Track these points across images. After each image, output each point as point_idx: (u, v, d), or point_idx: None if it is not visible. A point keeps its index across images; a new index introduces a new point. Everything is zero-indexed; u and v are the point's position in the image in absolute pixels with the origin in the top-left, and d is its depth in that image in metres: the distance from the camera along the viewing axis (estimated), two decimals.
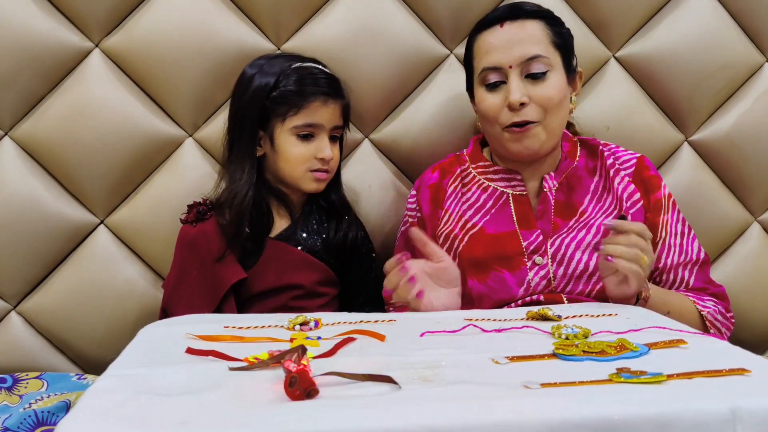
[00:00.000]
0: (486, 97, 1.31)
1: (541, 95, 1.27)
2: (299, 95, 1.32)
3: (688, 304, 1.28)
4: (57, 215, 1.49)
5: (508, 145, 1.31)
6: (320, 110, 1.34)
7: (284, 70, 1.34)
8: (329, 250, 1.39)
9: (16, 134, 1.49)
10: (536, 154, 1.32)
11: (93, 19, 1.48)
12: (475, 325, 0.97)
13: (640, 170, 1.37)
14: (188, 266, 1.36)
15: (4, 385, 1.38)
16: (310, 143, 1.34)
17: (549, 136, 1.30)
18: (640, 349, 0.83)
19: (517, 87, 1.26)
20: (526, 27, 1.29)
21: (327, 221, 1.41)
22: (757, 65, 1.64)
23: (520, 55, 1.27)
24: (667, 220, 1.35)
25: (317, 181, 1.37)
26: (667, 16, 1.60)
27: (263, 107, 1.33)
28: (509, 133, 1.29)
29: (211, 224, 1.36)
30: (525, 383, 0.71)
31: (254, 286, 1.33)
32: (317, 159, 1.34)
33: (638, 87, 1.61)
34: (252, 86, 1.34)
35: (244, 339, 0.93)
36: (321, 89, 1.34)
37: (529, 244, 1.30)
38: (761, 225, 1.66)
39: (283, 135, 1.34)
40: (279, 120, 1.33)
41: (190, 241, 1.37)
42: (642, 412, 0.64)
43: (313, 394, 0.68)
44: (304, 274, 1.35)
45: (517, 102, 1.26)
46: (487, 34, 1.31)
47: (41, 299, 1.50)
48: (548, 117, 1.29)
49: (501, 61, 1.28)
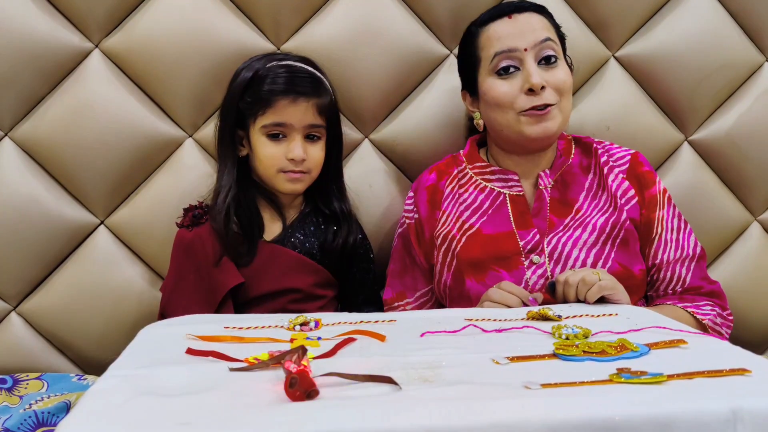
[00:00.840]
0: (498, 84, 1.31)
1: (556, 79, 1.30)
2: (268, 93, 1.31)
3: (685, 317, 1.29)
4: (57, 216, 1.48)
5: (525, 129, 1.30)
6: (288, 109, 1.31)
7: (258, 69, 1.34)
8: (326, 253, 1.38)
9: (16, 135, 1.49)
10: (551, 138, 1.33)
11: (93, 19, 1.48)
12: (475, 325, 0.97)
13: (634, 166, 1.37)
14: (185, 271, 1.35)
15: (5, 385, 1.38)
16: (280, 143, 1.33)
17: (563, 121, 1.33)
18: (641, 349, 0.82)
19: (536, 70, 1.29)
20: (533, 18, 1.33)
21: (325, 225, 1.40)
22: (756, 65, 1.64)
23: (535, 37, 1.30)
24: (663, 216, 1.35)
25: (291, 181, 1.35)
26: (667, 15, 1.60)
27: (238, 107, 1.34)
28: (527, 116, 1.30)
29: (207, 228, 1.35)
30: (525, 383, 0.71)
31: (252, 290, 1.33)
32: (288, 159, 1.33)
33: (638, 87, 1.61)
34: (231, 88, 1.36)
35: (244, 339, 0.93)
36: (289, 87, 1.31)
37: (526, 243, 1.30)
38: (761, 224, 1.66)
39: (256, 135, 1.34)
40: (251, 120, 1.34)
41: (186, 245, 1.36)
42: (642, 413, 0.64)
43: (314, 394, 0.68)
44: (301, 277, 1.35)
45: (539, 85, 1.27)
46: (497, 24, 1.33)
47: (41, 300, 1.50)
48: (563, 101, 1.31)
49: (517, 45, 1.30)
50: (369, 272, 1.45)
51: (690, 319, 1.30)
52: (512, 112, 1.31)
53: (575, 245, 1.29)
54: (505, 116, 1.32)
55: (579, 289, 1.14)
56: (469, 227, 1.35)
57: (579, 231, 1.30)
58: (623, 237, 1.31)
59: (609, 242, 1.30)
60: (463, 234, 1.34)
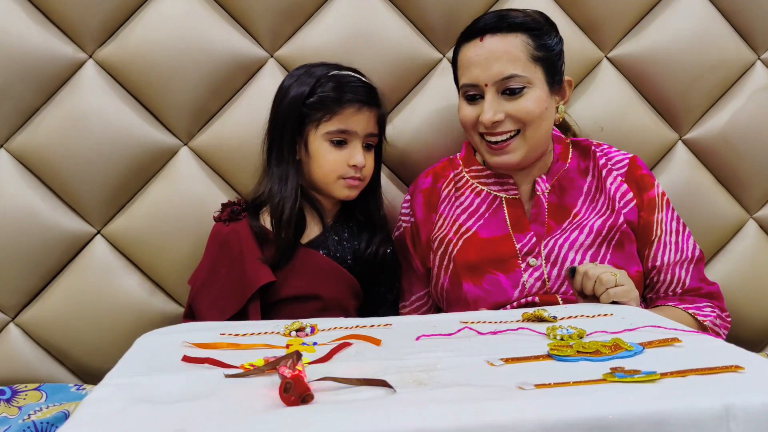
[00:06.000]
0: (465, 108, 1.33)
1: (517, 110, 1.28)
2: (334, 101, 1.32)
3: (686, 318, 1.30)
4: (54, 226, 1.49)
5: (487, 157, 1.34)
6: (354, 117, 1.33)
7: (321, 77, 1.35)
8: (358, 262, 1.38)
9: (11, 146, 1.49)
10: (518, 166, 1.33)
11: (86, 30, 1.48)
12: (470, 327, 0.98)
13: (633, 170, 1.38)
14: (218, 264, 1.35)
15: (3, 396, 1.38)
16: (342, 150, 1.34)
17: (531, 148, 1.31)
18: (635, 348, 0.83)
19: (490, 106, 1.28)
20: (507, 42, 1.28)
21: (359, 233, 1.40)
22: (749, 63, 1.64)
23: (497, 73, 1.27)
24: (662, 219, 1.35)
25: (349, 188, 1.36)
26: (659, 15, 1.61)
27: (300, 113, 1.34)
28: (487, 145, 1.31)
29: (244, 225, 1.36)
30: (519, 384, 0.71)
31: (281, 291, 1.32)
32: (349, 166, 1.34)
33: (631, 87, 1.62)
34: (290, 94, 1.35)
35: (240, 346, 0.93)
36: (356, 96, 1.34)
37: (522, 246, 1.31)
38: (757, 222, 1.67)
39: (317, 141, 1.34)
40: (313, 125, 1.34)
41: (223, 239, 1.36)
42: (636, 411, 0.65)
43: (308, 399, 0.68)
44: (331, 284, 1.35)
45: (489, 121, 1.28)
46: (468, 48, 1.32)
47: (39, 310, 1.50)
48: (528, 129, 1.29)
49: (479, 79, 1.29)
50: (392, 289, 1.44)
51: (691, 320, 1.30)
52: (476, 135, 1.33)
53: (572, 247, 1.29)
54: (471, 137, 1.36)
55: (596, 287, 1.15)
56: (466, 230, 1.35)
57: (576, 233, 1.31)
58: (619, 239, 1.31)
59: (605, 244, 1.30)
60: (460, 237, 1.34)
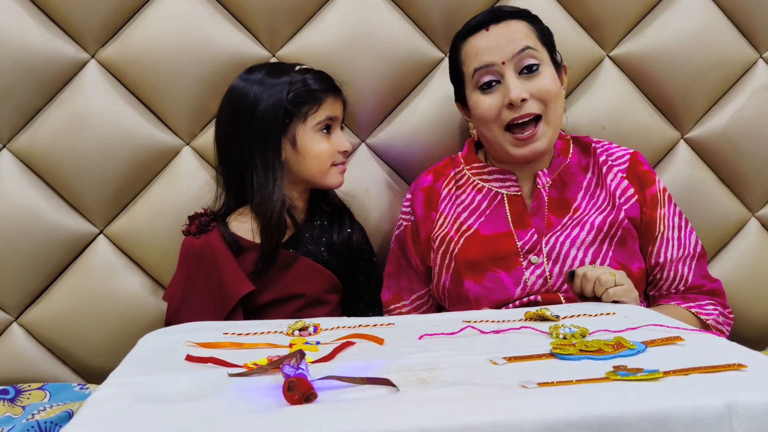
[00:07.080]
0: (483, 100, 1.31)
1: (539, 88, 1.28)
2: (318, 92, 1.36)
3: (688, 317, 1.29)
4: (56, 226, 1.49)
5: (511, 149, 1.31)
6: (334, 104, 1.39)
7: (290, 75, 1.36)
8: (334, 254, 1.39)
9: (14, 146, 1.50)
10: (542, 155, 1.33)
11: (88, 30, 1.49)
12: (473, 326, 0.98)
13: (634, 166, 1.37)
14: (194, 279, 1.34)
15: (7, 396, 1.38)
16: (330, 137, 1.38)
17: (553, 132, 1.31)
18: (637, 346, 0.83)
19: (515, 84, 1.27)
20: (511, 26, 1.31)
21: (329, 224, 1.42)
22: (750, 61, 1.64)
23: (512, 48, 1.28)
24: (664, 214, 1.35)
25: (341, 173, 1.41)
26: (660, 14, 1.60)
27: (285, 113, 1.33)
28: (513, 137, 1.30)
29: (215, 236, 1.35)
30: (522, 383, 0.71)
31: (262, 297, 1.33)
32: (339, 152, 1.38)
33: (633, 86, 1.62)
34: (263, 99, 1.33)
35: (243, 345, 0.93)
36: (330, 85, 1.39)
37: (524, 243, 1.31)
38: (759, 221, 1.67)
39: (308, 134, 1.35)
40: (300, 120, 1.35)
41: (196, 253, 1.35)
42: (638, 409, 0.65)
43: (312, 398, 0.68)
44: (310, 283, 1.35)
45: (518, 98, 1.26)
46: (474, 39, 1.32)
47: (42, 310, 1.51)
48: (549, 110, 1.29)
49: (494, 59, 1.29)
50: (372, 275, 1.46)
51: (693, 319, 1.30)
52: (498, 129, 1.31)
53: (573, 244, 1.29)
54: (491, 132, 1.32)
55: (595, 288, 1.15)
56: (467, 228, 1.35)
57: (577, 230, 1.30)
58: (621, 236, 1.31)
59: (606, 241, 1.30)
60: (461, 235, 1.34)
